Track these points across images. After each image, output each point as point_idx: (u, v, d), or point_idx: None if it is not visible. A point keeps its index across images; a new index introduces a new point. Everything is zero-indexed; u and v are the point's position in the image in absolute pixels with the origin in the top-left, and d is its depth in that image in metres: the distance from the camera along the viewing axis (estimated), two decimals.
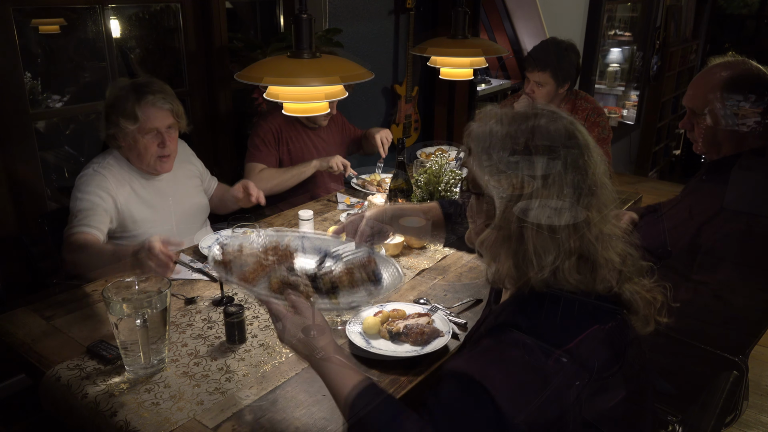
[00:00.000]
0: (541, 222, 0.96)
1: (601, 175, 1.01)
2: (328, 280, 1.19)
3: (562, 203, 0.96)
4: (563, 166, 0.97)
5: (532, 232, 0.97)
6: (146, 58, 3.21)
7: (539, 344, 0.95)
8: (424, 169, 2.27)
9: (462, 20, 2.26)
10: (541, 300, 1.00)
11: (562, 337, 0.96)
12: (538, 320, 0.99)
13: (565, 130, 1.00)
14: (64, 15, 2.75)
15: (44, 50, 2.91)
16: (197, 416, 1.26)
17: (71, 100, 2.97)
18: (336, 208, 2.48)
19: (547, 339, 0.96)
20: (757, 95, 1.65)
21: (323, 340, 1.09)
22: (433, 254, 2.04)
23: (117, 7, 2.76)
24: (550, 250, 0.97)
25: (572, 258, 0.97)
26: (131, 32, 3.06)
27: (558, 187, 0.97)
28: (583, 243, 0.97)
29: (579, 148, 0.99)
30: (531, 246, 0.97)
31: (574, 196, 0.97)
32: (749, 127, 1.66)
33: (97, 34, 2.70)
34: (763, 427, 2.52)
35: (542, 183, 0.97)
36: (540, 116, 1.02)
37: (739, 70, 1.68)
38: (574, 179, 0.98)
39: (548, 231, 0.96)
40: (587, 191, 0.98)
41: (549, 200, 0.96)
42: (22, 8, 2.41)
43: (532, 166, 0.98)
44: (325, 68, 1.54)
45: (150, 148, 1.98)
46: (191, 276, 1.86)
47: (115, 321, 1.33)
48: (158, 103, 1.96)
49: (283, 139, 2.66)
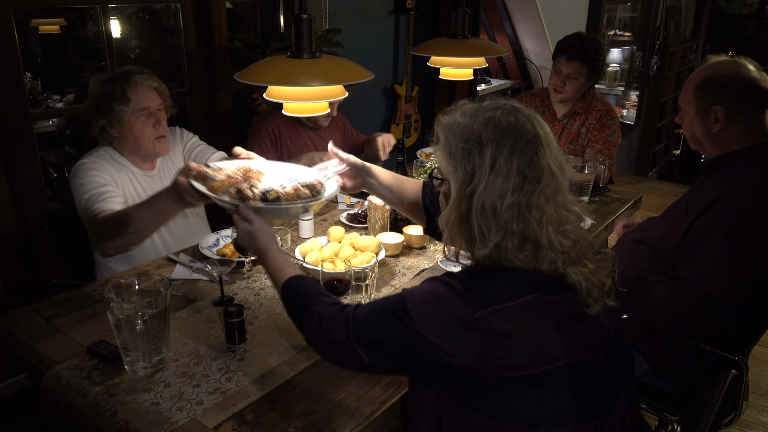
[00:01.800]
0: (485, 204, 1.07)
1: (551, 165, 1.09)
2: (275, 193, 1.40)
3: (505, 188, 1.06)
4: (510, 155, 1.07)
5: (477, 212, 1.08)
6: (146, 58, 3.21)
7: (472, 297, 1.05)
8: (424, 169, 2.27)
9: (462, 20, 2.26)
10: (487, 269, 1.11)
11: (497, 297, 1.05)
12: (478, 281, 1.08)
13: (516, 123, 1.09)
14: (64, 15, 2.75)
15: (44, 50, 2.91)
16: (197, 416, 1.26)
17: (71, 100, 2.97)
18: (336, 207, 2.48)
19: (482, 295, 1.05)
20: (730, 97, 1.65)
21: (265, 241, 1.34)
22: (433, 254, 2.05)
23: (117, 7, 2.76)
24: (493, 230, 1.07)
25: (515, 238, 1.06)
26: (131, 32, 3.06)
27: (504, 174, 1.06)
28: (527, 225, 1.06)
29: (527, 140, 1.08)
30: (476, 225, 1.09)
31: (519, 183, 1.06)
32: (722, 128, 1.68)
33: (97, 34, 2.70)
34: (763, 427, 2.53)
35: (489, 169, 1.07)
36: (497, 109, 1.12)
37: (717, 70, 1.68)
38: (520, 167, 1.07)
39: (491, 212, 1.07)
40: (532, 179, 1.07)
41: (494, 185, 1.07)
42: (22, 8, 2.42)
43: (481, 153, 1.08)
44: (325, 68, 1.54)
45: (146, 130, 2.00)
46: (191, 276, 1.86)
47: (115, 321, 1.33)
48: (146, 82, 1.99)
49: (283, 139, 2.65)
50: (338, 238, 1.95)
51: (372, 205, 2.09)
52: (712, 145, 1.74)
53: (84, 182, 1.94)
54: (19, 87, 2.29)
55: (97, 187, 1.92)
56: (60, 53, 3.00)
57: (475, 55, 2.24)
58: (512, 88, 4.88)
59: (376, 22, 3.55)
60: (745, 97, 1.65)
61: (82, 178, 1.95)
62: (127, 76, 1.97)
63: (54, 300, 1.72)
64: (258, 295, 1.75)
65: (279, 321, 1.62)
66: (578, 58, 2.66)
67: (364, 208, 2.35)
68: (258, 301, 1.72)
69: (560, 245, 1.07)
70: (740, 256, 1.56)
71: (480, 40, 2.52)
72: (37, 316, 1.63)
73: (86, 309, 1.67)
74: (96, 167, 1.98)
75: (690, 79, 1.75)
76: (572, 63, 2.67)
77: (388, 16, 3.63)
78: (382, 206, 2.08)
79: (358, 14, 3.42)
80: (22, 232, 2.37)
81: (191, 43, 2.85)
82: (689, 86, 1.74)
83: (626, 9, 6.17)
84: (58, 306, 1.69)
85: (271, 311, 1.67)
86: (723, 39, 7.72)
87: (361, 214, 2.30)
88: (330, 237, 1.97)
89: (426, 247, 2.09)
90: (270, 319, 1.63)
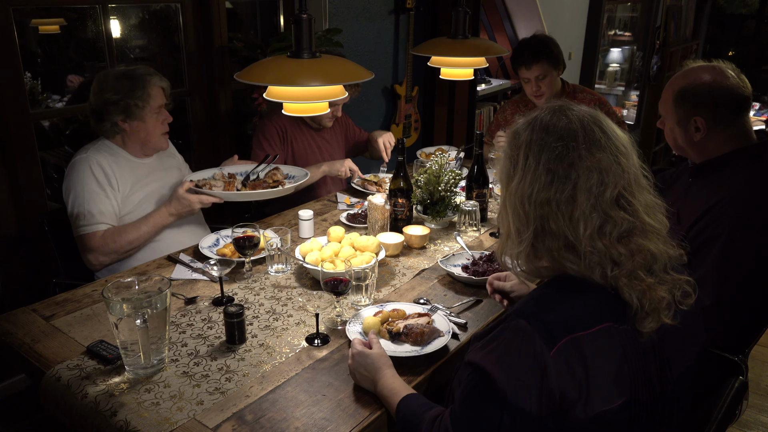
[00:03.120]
0: (515, 200, 1.08)
1: (598, 162, 1.03)
2: None
3: (535, 185, 1.05)
4: (539, 151, 1.06)
5: (511, 208, 1.09)
6: (146, 58, 3.21)
7: (543, 333, 0.98)
8: (424, 169, 2.27)
9: (462, 20, 2.26)
10: (556, 287, 1.06)
11: (570, 327, 0.99)
12: (546, 307, 1.03)
13: (557, 121, 1.07)
14: (64, 15, 2.75)
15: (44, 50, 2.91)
16: (197, 416, 1.26)
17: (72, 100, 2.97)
18: (336, 207, 2.48)
19: (553, 327, 0.99)
20: (709, 107, 1.65)
21: (383, 367, 1.33)
22: (433, 254, 2.05)
23: (117, 7, 2.76)
24: (525, 226, 1.07)
25: (557, 239, 1.04)
26: (131, 32, 3.06)
27: (533, 169, 1.05)
28: (558, 224, 1.03)
29: (558, 136, 1.05)
30: (511, 221, 1.10)
31: (547, 180, 1.04)
32: (704, 137, 1.68)
33: (97, 34, 2.70)
34: (763, 427, 2.53)
35: (523, 166, 1.07)
36: (544, 110, 1.10)
37: (694, 79, 1.67)
38: (548, 163, 1.04)
39: (521, 208, 1.07)
40: (562, 176, 1.04)
41: (524, 181, 1.06)
42: (22, 8, 2.42)
43: (519, 151, 1.09)
44: (325, 68, 1.54)
45: (157, 126, 2.12)
46: (191, 276, 1.86)
47: (115, 321, 1.33)
48: (159, 83, 2.10)
49: (288, 138, 2.66)
50: (338, 238, 1.95)
51: (372, 205, 2.09)
52: (695, 152, 1.74)
53: (79, 191, 2.01)
54: (19, 87, 2.29)
55: (90, 204, 2.00)
56: (60, 53, 2.99)
57: (475, 55, 2.24)
58: (512, 88, 4.88)
59: (376, 22, 3.55)
60: (724, 106, 1.64)
61: (78, 183, 2.01)
62: (145, 75, 2.07)
63: (54, 300, 1.72)
64: (258, 295, 1.75)
65: (279, 321, 1.62)
66: (534, 60, 2.75)
67: (364, 208, 2.35)
68: (258, 301, 1.72)
69: (606, 250, 1.01)
70: (737, 269, 1.56)
71: (480, 40, 2.52)
72: (37, 316, 1.63)
73: (86, 309, 1.67)
74: (94, 170, 2.03)
75: (667, 88, 1.73)
76: (532, 67, 2.77)
77: (388, 16, 3.63)
78: (382, 206, 2.08)
79: (358, 14, 3.42)
80: (22, 232, 2.37)
81: (191, 43, 2.85)
82: (667, 96, 1.72)
83: (626, 9, 6.16)
84: (58, 306, 1.68)
85: (271, 311, 1.67)
86: (723, 39, 7.71)
87: (361, 214, 2.30)
88: (330, 237, 1.97)
89: (426, 247, 2.09)
90: (270, 319, 1.63)
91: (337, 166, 2.57)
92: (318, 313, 1.54)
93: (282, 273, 1.88)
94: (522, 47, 2.81)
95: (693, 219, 1.64)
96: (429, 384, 1.42)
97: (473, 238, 2.18)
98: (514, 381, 0.98)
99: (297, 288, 1.80)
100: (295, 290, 1.78)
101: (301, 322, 1.61)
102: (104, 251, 2.01)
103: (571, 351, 0.97)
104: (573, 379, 0.97)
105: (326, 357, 1.47)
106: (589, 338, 0.98)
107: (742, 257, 1.55)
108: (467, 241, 2.14)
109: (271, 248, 1.85)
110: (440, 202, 2.22)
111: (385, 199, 2.09)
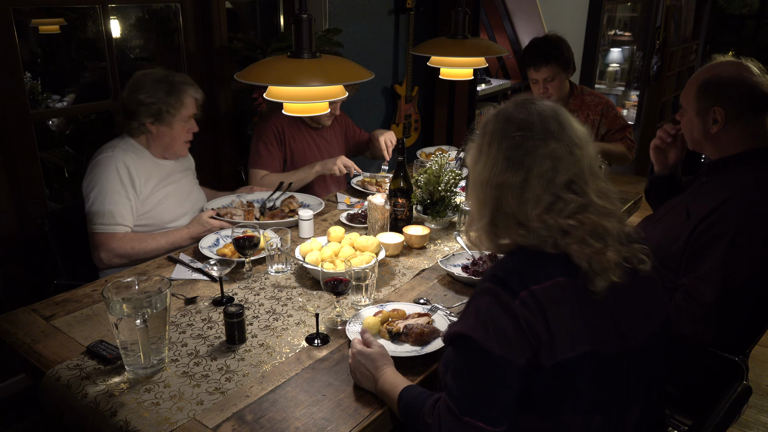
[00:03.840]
0: (476, 181, 1.20)
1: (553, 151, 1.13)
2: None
3: (492, 172, 1.15)
4: (500, 140, 1.16)
5: (473, 190, 1.21)
6: (146, 57, 3.21)
7: (505, 288, 1.08)
8: (424, 169, 2.27)
9: (462, 20, 2.26)
10: (510, 253, 1.18)
11: (526, 281, 1.09)
12: (504, 268, 1.13)
13: (517, 112, 1.17)
14: (64, 15, 2.75)
15: (44, 50, 2.91)
16: (197, 416, 1.26)
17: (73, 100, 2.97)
18: (336, 207, 2.48)
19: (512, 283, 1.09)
20: (731, 99, 1.64)
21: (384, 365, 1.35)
22: (433, 254, 2.05)
23: (117, 7, 2.76)
24: (484, 204, 1.18)
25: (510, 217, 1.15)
26: (131, 32, 3.06)
27: (493, 155, 1.16)
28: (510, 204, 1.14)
29: (517, 126, 1.16)
30: (474, 203, 1.22)
31: (504, 167, 1.14)
32: (720, 129, 1.67)
33: (97, 34, 2.70)
34: (763, 427, 2.52)
35: (487, 152, 1.17)
36: (510, 102, 1.22)
37: (721, 71, 1.67)
38: (507, 151, 1.14)
39: (481, 188, 1.18)
40: (517, 162, 1.14)
41: (486, 165, 1.17)
42: (22, 8, 2.42)
43: (481, 143, 1.20)
44: (325, 68, 1.54)
45: (182, 135, 2.17)
46: (191, 276, 1.86)
47: (115, 321, 1.33)
48: (195, 93, 2.16)
49: (286, 139, 2.66)
50: (338, 238, 1.95)
51: (372, 205, 2.09)
52: (710, 145, 1.73)
53: (102, 189, 2.02)
54: (19, 87, 2.29)
55: (111, 204, 2.02)
56: (60, 53, 2.99)
57: (475, 55, 2.24)
58: (512, 88, 4.88)
59: (376, 22, 3.55)
60: (746, 101, 1.64)
61: (102, 180, 2.03)
62: (182, 84, 2.12)
63: (54, 300, 1.72)
64: (258, 295, 1.75)
65: (279, 321, 1.62)
66: (543, 62, 2.74)
67: (364, 208, 2.35)
68: (258, 301, 1.72)
69: (556, 223, 1.11)
70: (740, 268, 1.55)
71: (480, 40, 2.52)
72: (37, 316, 1.63)
73: (86, 309, 1.67)
74: (120, 171, 2.05)
75: (693, 79, 1.73)
76: (540, 69, 2.76)
77: (388, 16, 3.63)
78: (382, 206, 2.08)
79: (358, 14, 3.41)
80: (23, 233, 2.37)
81: (191, 43, 2.85)
82: (691, 86, 1.72)
83: (626, 9, 6.16)
84: (58, 306, 1.68)
85: (271, 311, 1.67)
86: (723, 39, 7.71)
87: (361, 214, 2.30)
88: (330, 237, 1.97)
89: (426, 247, 2.09)
90: (270, 319, 1.63)
91: (330, 165, 2.55)
92: (318, 313, 1.54)
93: (282, 273, 1.88)
94: (532, 47, 2.79)
95: (701, 216, 1.64)
96: (429, 384, 1.42)
97: None
98: (494, 334, 1.06)
99: (297, 288, 1.80)
100: (295, 290, 1.78)
101: (301, 322, 1.61)
102: (119, 253, 2.02)
103: (531, 301, 1.06)
104: (538, 323, 1.06)
105: (326, 357, 1.47)
106: (543, 291, 1.07)
107: (746, 256, 1.55)
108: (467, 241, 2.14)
109: (271, 248, 1.85)
110: (440, 202, 2.22)
111: (385, 199, 2.09)
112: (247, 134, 3.22)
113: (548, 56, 2.72)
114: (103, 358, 1.43)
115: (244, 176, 2.81)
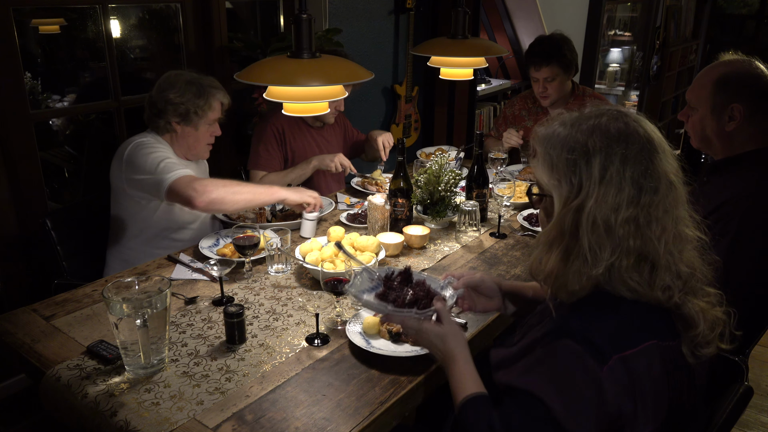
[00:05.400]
0: (597, 219, 0.97)
1: (668, 172, 1.00)
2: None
3: (619, 201, 0.96)
4: (621, 163, 0.97)
5: (587, 227, 0.97)
6: (146, 57, 3.21)
7: (593, 352, 0.94)
8: (424, 169, 2.27)
9: (462, 20, 2.26)
10: (596, 303, 1.00)
11: (617, 345, 0.95)
12: (591, 325, 0.98)
13: (626, 129, 1.00)
14: (64, 15, 2.75)
15: (44, 50, 2.91)
16: (197, 416, 1.26)
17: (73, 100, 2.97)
18: (336, 207, 2.48)
19: (601, 345, 0.95)
20: (751, 96, 1.63)
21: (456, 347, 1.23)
22: (433, 254, 2.05)
23: (117, 7, 2.76)
24: (606, 246, 0.97)
25: (630, 256, 0.97)
26: (131, 32, 3.06)
27: (616, 185, 0.97)
28: (645, 242, 0.96)
29: (640, 146, 0.99)
30: (586, 242, 0.98)
31: (634, 194, 0.97)
32: (736, 127, 1.64)
33: (97, 34, 2.70)
34: (763, 427, 2.52)
35: (599, 181, 0.98)
36: (602, 116, 1.03)
37: (738, 68, 1.65)
38: (634, 176, 0.97)
39: (604, 228, 0.96)
40: (649, 189, 0.97)
41: (606, 198, 0.97)
42: (22, 8, 2.42)
43: (589, 163, 0.99)
44: (325, 68, 1.54)
45: (205, 137, 2.19)
46: (191, 276, 1.86)
47: (115, 321, 1.33)
48: (222, 98, 2.18)
49: (287, 139, 2.65)
50: (338, 238, 1.95)
51: (372, 205, 2.09)
52: (721, 144, 1.69)
53: (155, 154, 2.03)
54: (19, 87, 2.29)
55: (170, 158, 2.04)
56: (60, 53, 3.00)
57: (475, 55, 2.24)
58: (512, 88, 4.88)
59: (376, 22, 3.55)
60: (766, 99, 1.62)
61: (150, 151, 2.04)
62: (211, 88, 2.14)
63: (54, 300, 1.72)
64: (258, 295, 1.75)
65: (279, 321, 1.62)
66: (545, 62, 2.74)
67: (364, 208, 2.35)
68: (258, 301, 1.72)
69: (677, 269, 0.97)
70: (742, 267, 1.55)
71: (480, 40, 2.52)
72: (37, 316, 1.63)
73: (86, 309, 1.67)
74: (159, 146, 2.08)
75: (705, 75, 1.68)
76: (541, 68, 2.76)
77: (388, 16, 3.63)
78: (382, 206, 2.08)
79: (358, 14, 3.41)
80: (23, 233, 2.37)
81: (191, 43, 2.85)
82: (705, 82, 1.67)
83: (626, 9, 6.16)
84: (58, 306, 1.68)
85: (271, 311, 1.67)
86: (723, 39, 7.71)
87: (361, 214, 2.30)
88: (330, 237, 1.97)
89: (426, 247, 2.09)
90: (270, 319, 1.63)
91: (327, 161, 2.54)
92: (318, 313, 1.54)
93: (282, 273, 1.88)
94: (536, 46, 2.79)
95: (702, 215, 1.64)
96: (429, 384, 1.42)
97: (473, 238, 2.18)
98: (570, 406, 0.94)
99: (297, 288, 1.80)
100: (295, 290, 1.78)
101: (301, 322, 1.61)
102: (215, 183, 1.95)
103: (622, 370, 0.94)
104: (627, 396, 0.94)
105: (326, 357, 1.47)
106: (634, 357, 0.95)
107: (748, 256, 1.55)
108: (467, 241, 2.14)
109: (271, 248, 1.85)
110: (440, 202, 2.22)
111: (385, 199, 2.09)
112: (247, 134, 3.22)
113: (550, 57, 2.73)
114: (103, 358, 1.43)
115: (244, 177, 2.81)
